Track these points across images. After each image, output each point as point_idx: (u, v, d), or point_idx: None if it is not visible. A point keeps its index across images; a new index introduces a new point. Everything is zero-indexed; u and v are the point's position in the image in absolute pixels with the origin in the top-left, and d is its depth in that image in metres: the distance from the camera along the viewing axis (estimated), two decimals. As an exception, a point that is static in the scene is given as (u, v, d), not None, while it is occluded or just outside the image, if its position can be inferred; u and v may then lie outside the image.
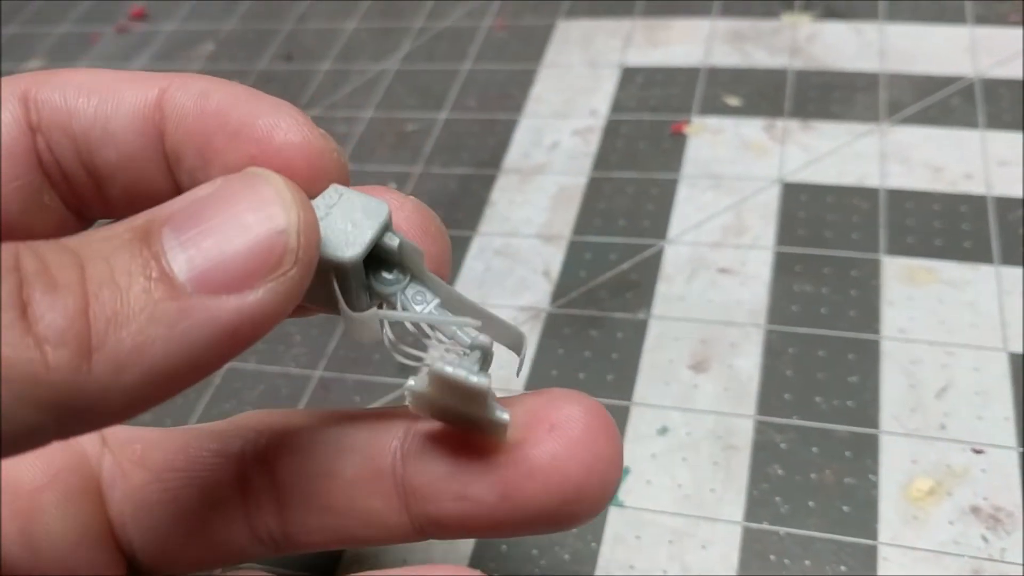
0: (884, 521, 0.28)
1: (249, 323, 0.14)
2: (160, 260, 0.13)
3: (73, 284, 0.13)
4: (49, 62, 0.57)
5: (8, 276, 0.12)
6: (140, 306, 0.13)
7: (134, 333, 0.13)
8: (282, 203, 0.14)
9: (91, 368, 0.12)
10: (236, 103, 0.18)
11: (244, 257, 0.14)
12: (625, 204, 0.40)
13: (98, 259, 0.13)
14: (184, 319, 0.13)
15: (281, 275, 0.14)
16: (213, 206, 0.14)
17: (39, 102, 0.18)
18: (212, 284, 0.13)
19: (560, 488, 0.17)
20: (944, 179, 0.38)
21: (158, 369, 0.13)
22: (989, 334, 0.32)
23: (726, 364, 0.33)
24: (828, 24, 0.47)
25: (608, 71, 0.47)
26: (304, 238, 0.14)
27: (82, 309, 0.12)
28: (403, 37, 0.53)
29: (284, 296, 0.14)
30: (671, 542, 0.29)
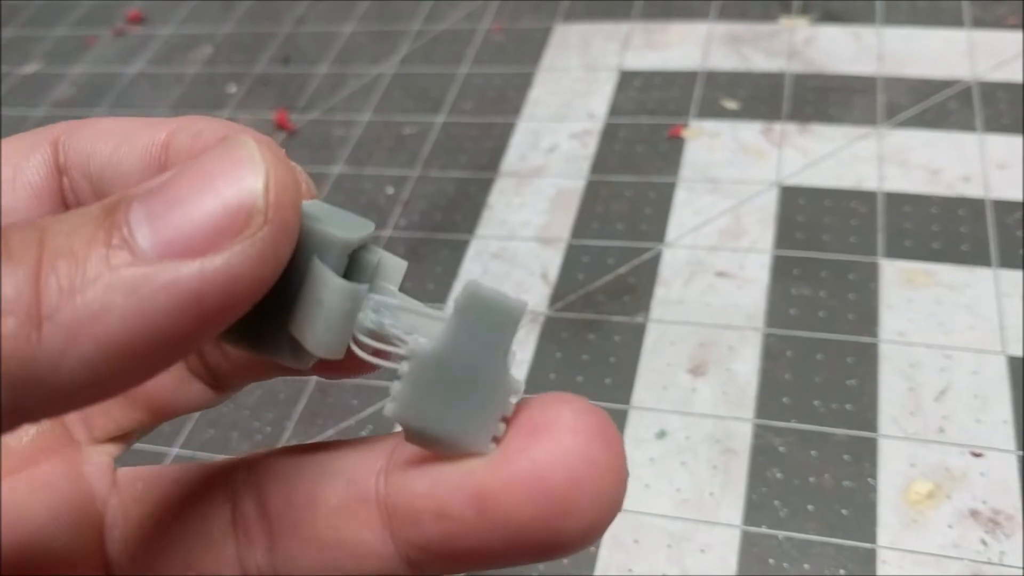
0: (883, 524, 0.28)
1: (214, 288, 0.13)
2: (122, 228, 0.13)
3: (28, 256, 0.12)
4: (46, 64, 0.57)
5: None
6: (96, 273, 0.12)
7: (88, 301, 0.12)
8: (252, 163, 0.14)
9: (41, 337, 0.12)
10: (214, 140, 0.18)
11: (209, 219, 0.13)
12: (623, 207, 0.40)
13: (60, 233, 0.13)
14: (143, 285, 0.12)
15: (249, 236, 0.13)
16: (184, 175, 0.14)
17: (67, 146, 0.18)
18: (175, 249, 0.13)
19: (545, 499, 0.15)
20: (942, 182, 0.38)
21: (115, 339, 0.12)
22: (988, 337, 0.32)
23: (724, 368, 0.33)
24: (825, 28, 0.47)
25: (606, 74, 0.47)
26: (275, 196, 0.13)
27: (33, 278, 0.12)
28: (400, 40, 0.53)
29: (254, 259, 0.13)
30: (670, 546, 0.29)
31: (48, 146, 0.19)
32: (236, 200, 0.13)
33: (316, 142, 0.47)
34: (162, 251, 0.13)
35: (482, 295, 0.15)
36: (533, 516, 0.15)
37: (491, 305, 0.15)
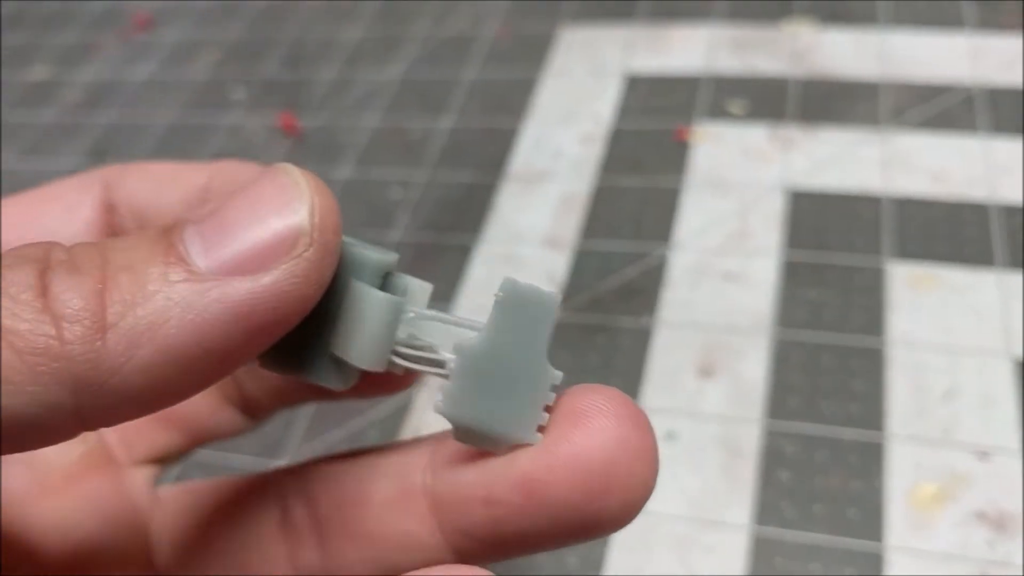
0: (890, 525, 0.28)
1: (263, 304, 0.14)
2: (178, 247, 0.14)
3: (94, 269, 0.13)
4: (54, 70, 0.57)
5: (33, 263, 0.13)
6: (155, 288, 0.14)
7: (149, 312, 0.13)
8: (297, 189, 0.15)
9: (105, 343, 0.13)
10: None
11: (259, 240, 0.14)
12: (629, 211, 0.40)
13: (122, 250, 0.14)
14: (198, 299, 0.14)
15: (296, 256, 0.14)
16: (234, 200, 0.15)
17: (116, 186, 0.21)
18: (227, 267, 0.14)
19: (588, 482, 0.16)
20: (946, 185, 0.38)
21: (172, 348, 0.14)
22: (993, 339, 0.33)
23: (732, 370, 0.33)
24: (829, 31, 0.47)
25: (611, 78, 0.47)
26: (319, 219, 0.15)
27: (99, 290, 0.13)
28: (407, 45, 0.53)
29: (301, 278, 0.15)
30: (678, 546, 0.29)
31: (99, 186, 0.21)
32: (284, 223, 0.14)
33: (323, 146, 0.47)
34: (215, 269, 0.14)
35: (519, 289, 0.15)
36: (577, 498, 0.16)
37: (528, 298, 0.16)
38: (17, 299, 0.13)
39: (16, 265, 0.13)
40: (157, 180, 0.21)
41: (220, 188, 0.20)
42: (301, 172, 0.15)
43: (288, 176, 0.15)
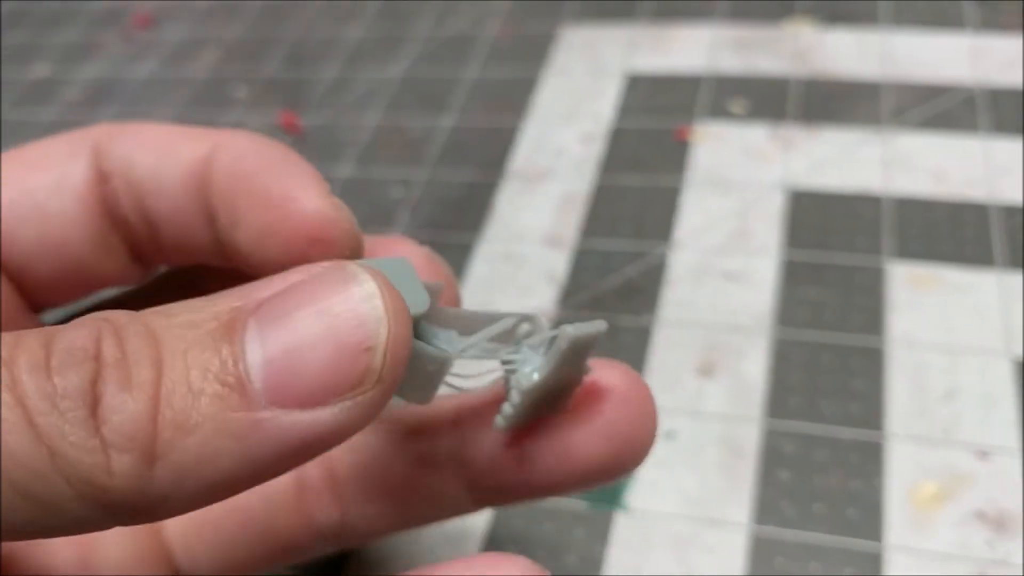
0: (889, 525, 0.28)
1: (318, 441, 0.13)
2: (238, 365, 0.13)
3: (147, 384, 0.12)
4: (55, 68, 0.57)
5: (85, 366, 0.12)
6: (210, 415, 0.13)
7: (200, 443, 0.12)
8: (375, 314, 0.14)
9: (152, 475, 0.12)
10: (264, 168, 0.19)
11: (325, 370, 0.13)
12: (630, 210, 0.40)
13: (177, 353, 0.13)
14: (253, 433, 0.13)
15: (360, 394, 0.13)
16: (304, 306, 0.14)
17: (109, 152, 0.20)
18: (287, 397, 0.13)
19: (613, 443, 0.20)
20: (947, 185, 0.38)
21: (220, 479, 0.13)
22: (993, 339, 0.33)
23: (732, 369, 0.33)
24: (831, 31, 0.47)
25: (612, 77, 0.47)
26: (391, 356, 0.14)
27: (151, 415, 0.12)
28: (408, 44, 0.53)
29: (359, 416, 0.14)
30: (677, 546, 0.29)
31: (90, 152, 0.20)
32: (354, 359, 0.13)
33: (324, 144, 0.47)
34: (273, 397, 0.13)
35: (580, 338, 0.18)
36: (605, 457, 0.20)
37: (584, 340, 0.18)
38: (67, 416, 0.12)
39: (67, 367, 0.12)
40: (153, 148, 0.20)
41: (223, 166, 0.19)
42: (380, 291, 0.14)
43: (369, 303, 0.14)
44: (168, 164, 0.19)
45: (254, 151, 0.19)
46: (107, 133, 0.20)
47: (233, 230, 0.19)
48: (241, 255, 0.19)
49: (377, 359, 0.14)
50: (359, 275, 0.14)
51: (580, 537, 0.29)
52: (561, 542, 0.29)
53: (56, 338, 0.13)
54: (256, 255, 0.18)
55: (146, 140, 0.20)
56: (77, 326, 0.13)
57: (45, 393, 0.12)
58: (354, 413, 0.14)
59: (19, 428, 0.12)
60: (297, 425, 0.13)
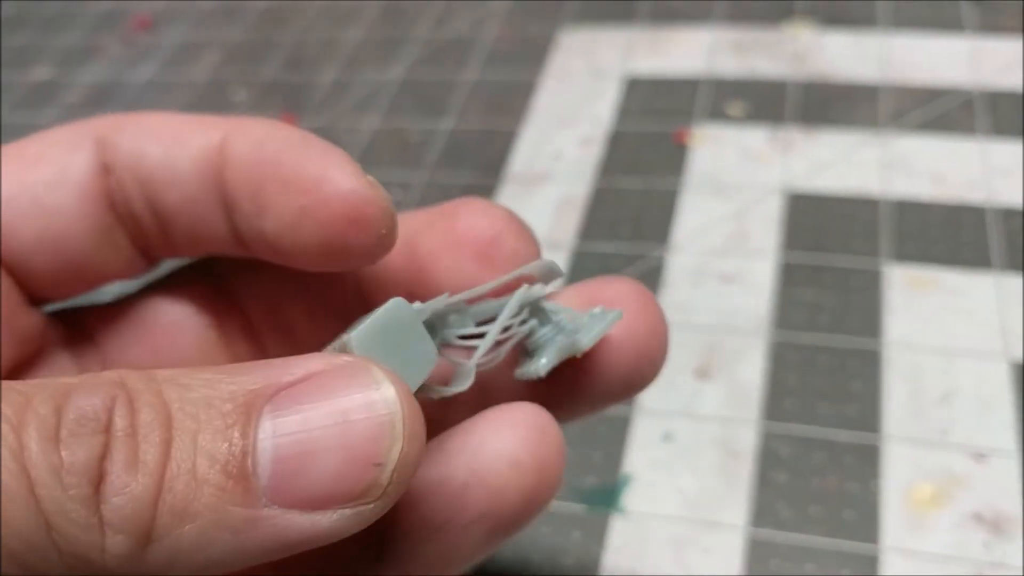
0: (886, 527, 0.28)
1: (310, 542, 0.13)
2: (247, 459, 0.13)
3: (153, 466, 0.12)
4: (56, 71, 0.58)
5: (95, 439, 0.12)
6: (210, 506, 0.12)
7: (196, 532, 0.12)
8: (391, 432, 0.13)
9: (144, 556, 0.12)
10: (287, 150, 0.18)
11: (332, 478, 0.13)
12: (628, 212, 0.40)
13: (187, 434, 0.13)
14: (250, 529, 0.13)
15: (363, 503, 0.13)
16: (320, 403, 0.13)
17: (113, 144, 0.19)
18: (290, 498, 0.13)
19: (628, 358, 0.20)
20: (945, 188, 0.38)
21: (208, 565, 0.13)
22: (990, 341, 0.33)
23: (729, 371, 0.33)
24: (829, 34, 0.47)
25: (611, 80, 0.47)
26: (399, 475, 0.14)
27: (153, 499, 0.12)
28: (407, 47, 0.53)
29: (356, 525, 0.14)
30: (674, 547, 0.29)
31: (92, 144, 0.19)
32: (362, 472, 0.13)
33: (323, 147, 0.47)
34: (276, 497, 0.13)
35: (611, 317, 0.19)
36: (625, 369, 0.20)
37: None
38: (70, 492, 0.12)
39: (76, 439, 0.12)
40: (161, 138, 0.19)
41: (241, 153, 0.18)
42: (399, 400, 0.14)
43: (387, 408, 0.13)
44: (178, 154, 0.19)
45: (274, 136, 0.18)
46: (110, 124, 0.19)
47: (259, 218, 0.18)
48: (269, 244, 0.19)
49: (385, 476, 0.13)
50: (380, 380, 0.14)
51: (577, 539, 0.29)
52: (558, 544, 0.29)
53: (68, 404, 0.12)
54: (288, 241, 0.18)
55: (152, 130, 0.19)
56: (91, 391, 0.13)
57: (51, 465, 0.12)
58: (352, 521, 0.13)
59: (20, 497, 0.12)
60: (294, 526, 0.13)
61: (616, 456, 0.31)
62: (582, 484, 0.31)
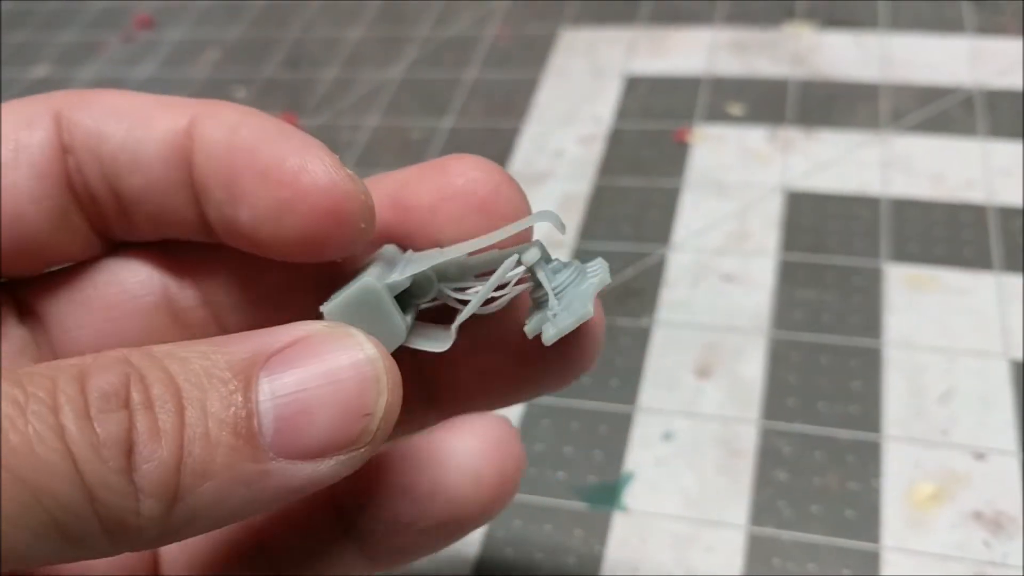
0: (887, 525, 0.28)
1: (313, 486, 0.15)
2: (251, 420, 0.14)
3: (172, 433, 0.14)
4: (55, 69, 0.58)
5: (120, 414, 0.13)
6: (226, 464, 0.14)
7: (215, 488, 0.14)
8: (376, 385, 0.15)
9: (171, 515, 0.14)
10: (264, 139, 0.18)
11: (328, 431, 0.15)
12: (629, 211, 0.40)
13: (195, 402, 0.14)
14: (261, 480, 0.14)
15: (356, 449, 0.15)
16: (310, 366, 0.15)
17: (72, 122, 0.18)
18: (292, 451, 0.14)
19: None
20: (945, 187, 0.38)
21: (227, 516, 0.14)
22: (990, 341, 0.33)
23: (730, 370, 0.33)
24: (830, 34, 0.47)
25: (612, 79, 0.47)
26: (384, 423, 0.15)
27: (176, 463, 0.14)
28: (408, 45, 0.53)
29: (350, 468, 0.15)
30: (676, 546, 0.29)
31: (50, 121, 0.18)
32: (354, 422, 0.15)
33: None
34: (281, 451, 0.14)
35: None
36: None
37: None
38: (109, 464, 0.13)
39: (105, 414, 0.13)
40: (123, 118, 0.18)
41: (213, 137, 0.18)
42: (381, 357, 0.15)
43: (371, 365, 0.15)
44: (142, 136, 0.18)
45: (247, 122, 0.18)
46: (69, 101, 0.19)
47: (233, 207, 0.18)
48: (242, 233, 0.18)
49: (374, 424, 0.15)
50: (362, 342, 0.15)
51: (579, 537, 0.29)
52: (560, 542, 0.30)
53: (89, 384, 0.13)
54: (265, 233, 0.18)
55: (115, 109, 0.18)
56: (105, 369, 0.14)
57: (90, 442, 0.13)
58: (347, 465, 0.15)
59: (67, 474, 0.13)
60: (299, 474, 0.14)
61: (617, 454, 0.31)
62: (584, 482, 0.31)
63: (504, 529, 0.30)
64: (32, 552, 0.13)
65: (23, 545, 0.12)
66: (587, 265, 0.19)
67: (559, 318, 0.18)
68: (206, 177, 0.18)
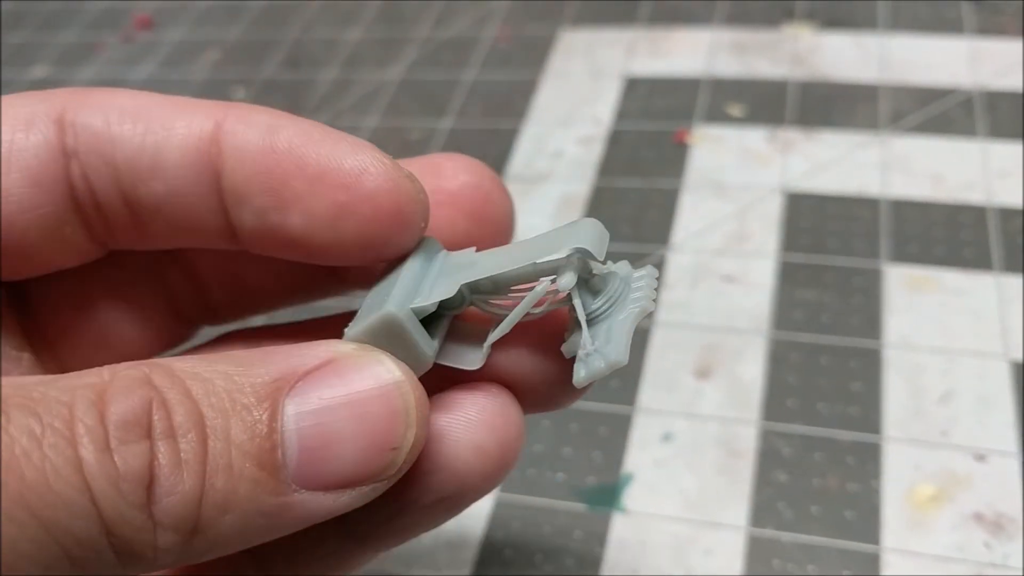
0: (887, 527, 0.28)
1: (332, 516, 0.14)
2: (275, 451, 0.14)
3: (195, 465, 0.13)
4: (54, 70, 0.57)
5: (141, 445, 0.13)
6: (248, 496, 0.13)
7: (236, 520, 0.13)
8: (404, 418, 0.15)
9: (189, 546, 0.13)
10: (312, 141, 0.17)
11: (354, 464, 0.14)
12: (628, 212, 0.40)
13: (219, 430, 0.13)
14: (283, 512, 0.14)
15: (379, 481, 0.15)
16: (338, 394, 0.14)
17: (77, 125, 0.17)
18: (316, 483, 0.14)
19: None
20: (945, 188, 0.38)
21: (244, 545, 0.14)
22: (990, 341, 0.33)
23: (730, 371, 0.33)
24: (829, 35, 0.47)
25: (611, 80, 0.47)
26: (410, 456, 0.15)
27: (198, 498, 0.13)
28: (407, 47, 0.53)
29: (370, 499, 0.15)
30: (675, 547, 0.29)
31: (51, 124, 0.17)
32: (380, 456, 0.14)
33: (323, 147, 0.47)
34: (304, 483, 0.14)
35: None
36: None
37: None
38: (127, 499, 0.13)
39: (126, 446, 0.13)
40: (138, 121, 0.17)
41: (237, 141, 0.17)
42: (411, 388, 0.15)
43: (400, 395, 0.15)
44: (161, 141, 0.17)
45: (284, 124, 0.17)
46: (73, 101, 0.17)
47: (280, 214, 0.17)
48: (291, 240, 0.17)
49: (400, 457, 0.15)
50: (391, 368, 0.15)
51: (578, 538, 0.29)
52: (559, 544, 0.29)
53: (108, 410, 0.13)
54: (321, 238, 0.17)
55: (124, 111, 0.17)
56: (125, 393, 0.13)
57: (109, 476, 0.12)
58: (368, 496, 0.15)
59: (83, 509, 0.12)
60: (320, 506, 0.14)
61: (617, 456, 0.31)
62: (583, 484, 0.31)
63: (503, 530, 0.30)
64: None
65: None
66: (634, 275, 0.18)
67: (591, 360, 0.17)
68: (243, 183, 0.17)
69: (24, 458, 0.12)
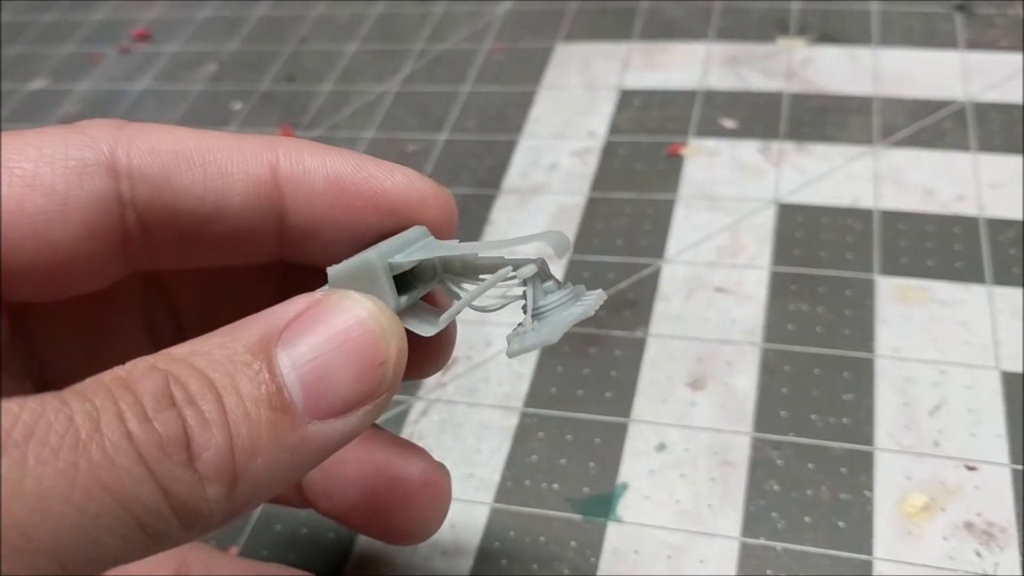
0: (879, 536, 0.29)
1: (347, 439, 0.16)
2: (282, 393, 0.15)
3: (218, 419, 0.15)
4: (52, 81, 0.58)
5: (172, 411, 0.14)
6: (270, 437, 0.15)
7: (266, 462, 0.15)
8: (384, 336, 0.16)
9: (234, 495, 0.15)
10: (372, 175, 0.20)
11: (352, 386, 0.16)
12: (623, 224, 0.40)
13: (229, 388, 0.15)
14: (302, 446, 0.15)
15: (377, 398, 0.16)
16: (321, 332, 0.16)
17: (134, 176, 0.17)
18: (324, 411, 0.15)
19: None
20: (936, 201, 0.39)
21: (279, 485, 0.15)
22: (981, 352, 0.33)
23: (723, 382, 0.33)
24: (822, 48, 0.48)
25: (606, 93, 0.48)
26: (397, 367, 0.17)
27: (229, 447, 0.15)
28: (404, 59, 0.53)
29: (376, 415, 0.16)
30: (669, 557, 0.29)
31: (104, 172, 0.17)
32: (373, 373, 0.16)
33: (320, 159, 0.47)
34: (315, 414, 0.16)
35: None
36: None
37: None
38: (174, 459, 0.14)
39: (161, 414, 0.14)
40: (196, 167, 0.18)
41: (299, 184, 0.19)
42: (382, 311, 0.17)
43: (374, 319, 0.16)
44: (223, 187, 0.18)
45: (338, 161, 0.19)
46: (120, 146, 0.17)
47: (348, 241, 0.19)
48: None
49: (390, 371, 0.16)
50: (360, 300, 0.17)
51: (573, 548, 0.30)
52: (554, 553, 0.30)
53: (137, 387, 0.14)
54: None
55: (181, 156, 0.18)
56: (145, 377, 0.14)
57: (155, 443, 0.14)
58: (373, 414, 0.16)
59: (142, 476, 0.13)
60: (334, 432, 0.16)
61: (611, 466, 0.32)
62: (578, 493, 0.31)
63: (498, 540, 0.30)
64: (121, 555, 0.13)
65: (115, 550, 0.13)
66: (586, 294, 0.20)
67: (527, 336, 0.18)
68: (312, 221, 0.19)
69: (88, 440, 0.13)
